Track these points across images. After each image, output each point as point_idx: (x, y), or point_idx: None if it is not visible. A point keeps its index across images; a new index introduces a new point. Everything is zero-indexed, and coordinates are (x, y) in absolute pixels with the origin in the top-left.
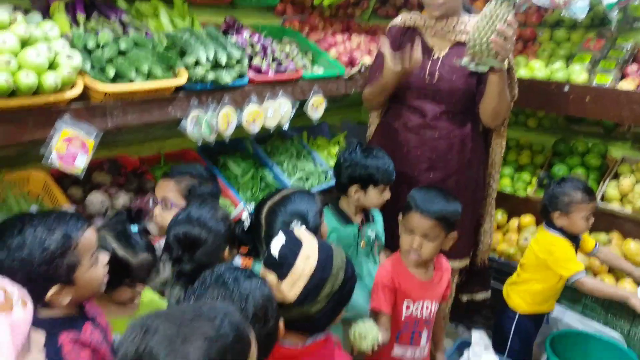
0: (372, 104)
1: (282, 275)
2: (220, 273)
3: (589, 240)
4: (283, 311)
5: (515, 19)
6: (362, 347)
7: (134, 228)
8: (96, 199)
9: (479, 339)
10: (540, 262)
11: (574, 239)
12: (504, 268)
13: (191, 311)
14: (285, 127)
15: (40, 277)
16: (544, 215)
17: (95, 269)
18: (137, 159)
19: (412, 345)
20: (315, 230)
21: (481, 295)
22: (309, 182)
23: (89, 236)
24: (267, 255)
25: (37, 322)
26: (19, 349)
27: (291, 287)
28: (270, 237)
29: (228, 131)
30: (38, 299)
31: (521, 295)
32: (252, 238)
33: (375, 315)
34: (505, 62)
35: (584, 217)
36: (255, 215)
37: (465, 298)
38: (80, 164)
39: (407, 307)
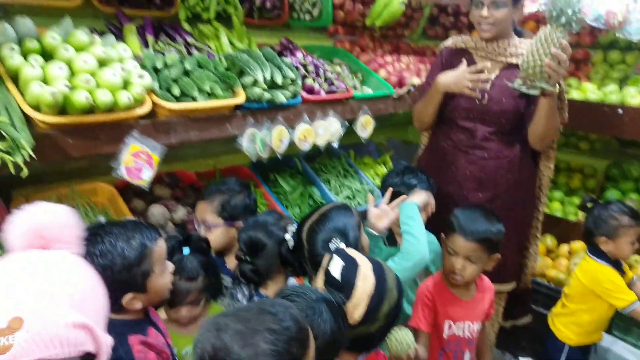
0: (422, 120)
1: (345, 297)
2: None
3: (627, 272)
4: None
5: (568, 42)
6: (398, 352)
7: (186, 250)
8: (157, 211)
9: None
10: (588, 291)
11: (617, 265)
12: (554, 294)
13: (255, 308)
14: (335, 145)
15: (118, 283)
16: (588, 239)
17: (164, 277)
18: (194, 174)
19: None
20: (355, 244)
21: (523, 320)
22: (355, 200)
23: (161, 246)
24: (327, 278)
25: (109, 324)
26: None
27: (355, 308)
28: (314, 256)
29: (281, 148)
30: (113, 303)
31: (569, 327)
32: (298, 257)
33: (414, 332)
34: (557, 86)
35: (630, 242)
36: (297, 235)
37: (508, 324)
38: (146, 177)
39: (449, 327)
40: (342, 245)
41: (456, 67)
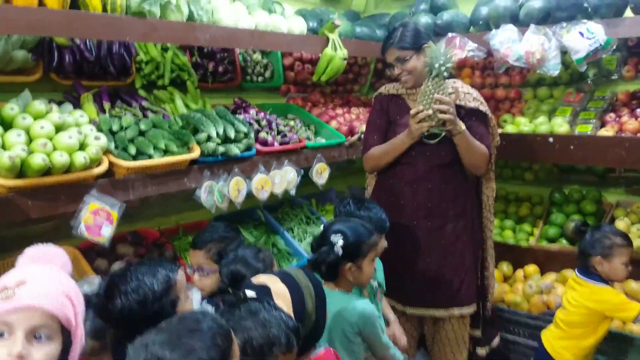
0: (379, 164)
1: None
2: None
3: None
4: None
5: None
6: None
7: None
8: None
9: None
10: (594, 313)
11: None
12: (513, 317)
13: (174, 319)
14: (293, 192)
15: (152, 314)
16: (583, 261)
17: (188, 303)
18: (157, 231)
19: None
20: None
21: (496, 340)
22: None
23: (181, 275)
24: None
25: None
26: None
27: None
28: None
29: (239, 198)
30: None
31: (572, 351)
32: None
33: None
34: (461, 124)
35: (623, 262)
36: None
37: (484, 351)
38: (105, 233)
39: None
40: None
41: (394, 110)
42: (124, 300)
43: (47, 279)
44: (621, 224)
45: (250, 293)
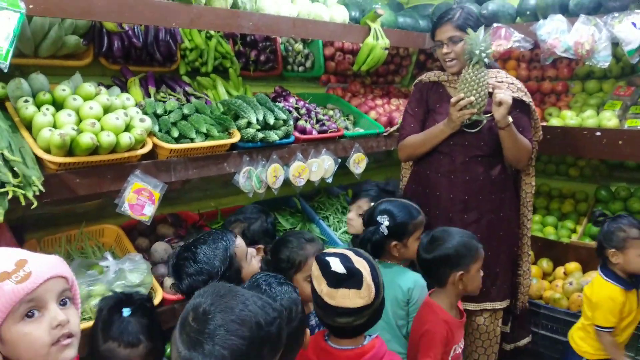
0: (415, 153)
1: (358, 285)
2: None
3: None
4: (356, 317)
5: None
6: None
7: (126, 312)
8: (160, 247)
9: None
10: (593, 307)
11: (633, 281)
12: (551, 313)
13: (257, 299)
14: (329, 180)
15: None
16: (599, 254)
17: (252, 265)
18: (197, 214)
19: None
20: None
21: (524, 341)
22: None
23: (239, 244)
24: (331, 278)
25: None
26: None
27: (369, 288)
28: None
29: (276, 185)
30: None
31: (586, 341)
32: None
33: None
34: (509, 118)
35: (639, 254)
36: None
37: (509, 347)
38: (147, 212)
39: (454, 350)
40: (387, 222)
41: (433, 98)
42: (191, 282)
43: (36, 252)
44: None
45: (334, 261)
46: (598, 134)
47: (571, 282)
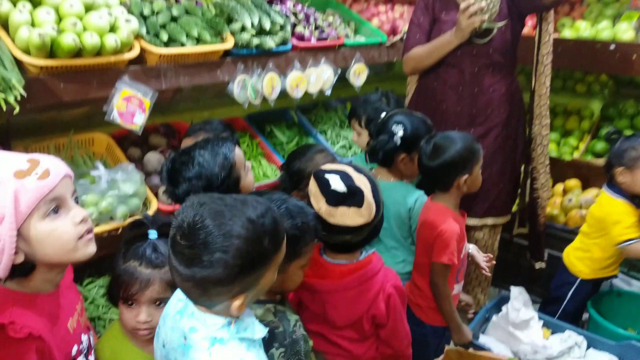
0: (421, 66)
1: (358, 203)
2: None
3: None
4: (355, 234)
5: None
6: None
7: (153, 234)
8: (153, 158)
9: (518, 294)
10: (598, 223)
11: (636, 202)
12: (548, 230)
13: (240, 199)
14: (328, 92)
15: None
16: (607, 171)
17: (249, 176)
18: (190, 124)
19: (459, 282)
20: None
21: (538, 265)
22: (352, 150)
23: (238, 153)
24: (330, 197)
25: None
26: (23, 213)
27: (369, 206)
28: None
29: (272, 95)
30: None
31: (583, 261)
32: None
33: (445, 268)
34: None
35: None
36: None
37: (542, 265)
38: (138, 121)
39: (465, 248)
40: (401, 133)
41: (439, 6)
42: (188, 187)
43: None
44: None
45: (334, 178)
46: (612, 47)
47: (570, 198)
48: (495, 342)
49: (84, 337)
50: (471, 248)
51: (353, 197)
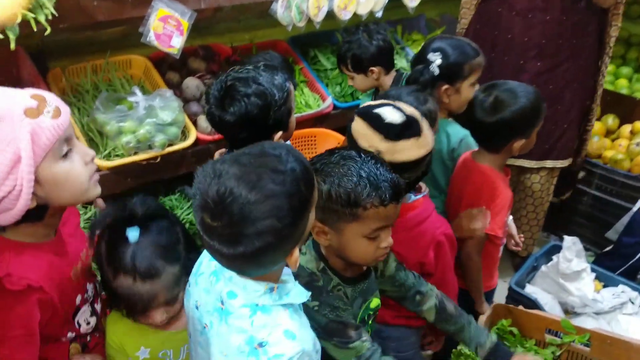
0: None
1: (417, 133)
2: None
3: None
4: (413, 170)
5: None
6: None
7: (133, 234)
8: (192, 84)
9: (572, 244)
10: None
11: None
12: (609, 175)
13: (255, 152)
14: (379, 14)
15: (272, 121)
16: None
17: (293, 118)
18: (230, 48)
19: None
20: None
21: (568, 194)
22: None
23: (291, 86)
24: (387, 128)
25: None
26: (40, 154)
27: (428, 138)
28: None
29: (319, 17)
30: None
31: None
32: None
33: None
34: None
35: None
36: None
37: (555, 200)
38: (176, 44)
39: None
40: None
41: None
42: (245, 105)
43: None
44: None
45: (387, 110)
46: None
47: (638, 142)
48: (542, 293)
49: (89, 286)
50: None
51: (411, 126)
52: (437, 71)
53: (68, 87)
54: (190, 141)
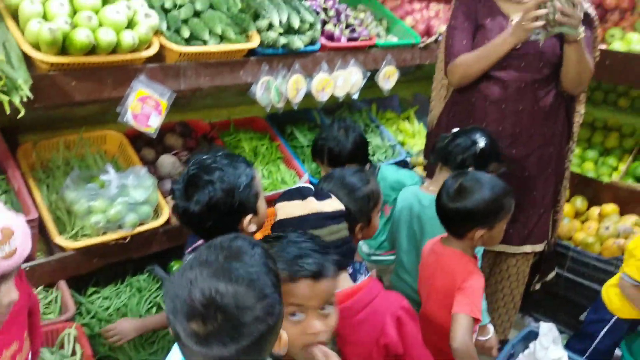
0: (471, 72)
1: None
2: None
3: None
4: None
5: None
6: None
7: None
8: (167, 161)
9: (548, 330)
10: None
11: None
12: (580, 257)
13: (214, 248)
14: (355, 96)
15: (238, 205)
16: None
17: (263, 201)
18: (208, 124)
19: None
20: None
21: (550, 275)
22: (376, 157)
23: (257, 172)
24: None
25: None
26: None
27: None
28: None
29: (297, 98)
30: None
31: (624, 300)
32: None
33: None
34: (581, 29)
35: None
36: None
37: (538, 286)
38: (153, 123)
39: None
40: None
41: (482, 12)
42: (210, 190)
43: (20, 223)
44: None
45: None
46: None
47: (608, 226)
48: None
49: None
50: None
51: (320, 194)
52: (478, 151)
53: (38, 162)
54: (162, 220)
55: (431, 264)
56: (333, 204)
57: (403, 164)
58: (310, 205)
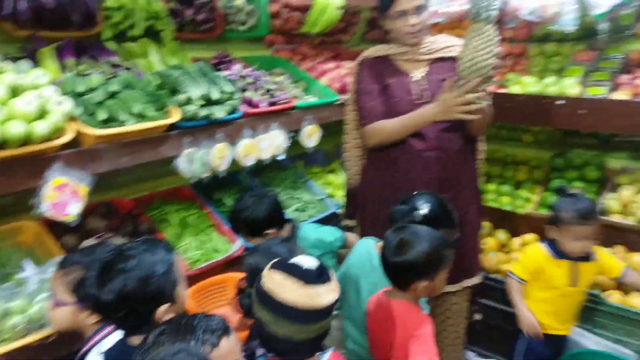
0: (389, 139)
1: (328, 277)
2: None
3: (613, 266)
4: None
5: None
6: None
7: None
8: None
9: None
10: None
11: (568, 254)
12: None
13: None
14: (281, 157)
15: (154, 294)
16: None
17: (184, 287)
18: (132, 201)
19: None
20: None
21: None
22: (307, 212)
23: (178, 257)
24: (306, 274)
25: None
26: None
27: (336, 281)
28: None
29: (222, 167)
30: (146, 320)
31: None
32: None
33: None
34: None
35: (573, 238)
36: None
37: (480, 316)
38: (72, 211)
39: None
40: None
41: (385, 73)
42: (123, 278)
43: None
44: (626, 192)
45: (302, 259)
46: (561, 102)
47: None
48: None
49: None
50: None
51: (323, 272)
52: (419, 218)
53: None
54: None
55: (380, 319)
56: (330, 289)
57: (334, 217)
58: (309, 295)
